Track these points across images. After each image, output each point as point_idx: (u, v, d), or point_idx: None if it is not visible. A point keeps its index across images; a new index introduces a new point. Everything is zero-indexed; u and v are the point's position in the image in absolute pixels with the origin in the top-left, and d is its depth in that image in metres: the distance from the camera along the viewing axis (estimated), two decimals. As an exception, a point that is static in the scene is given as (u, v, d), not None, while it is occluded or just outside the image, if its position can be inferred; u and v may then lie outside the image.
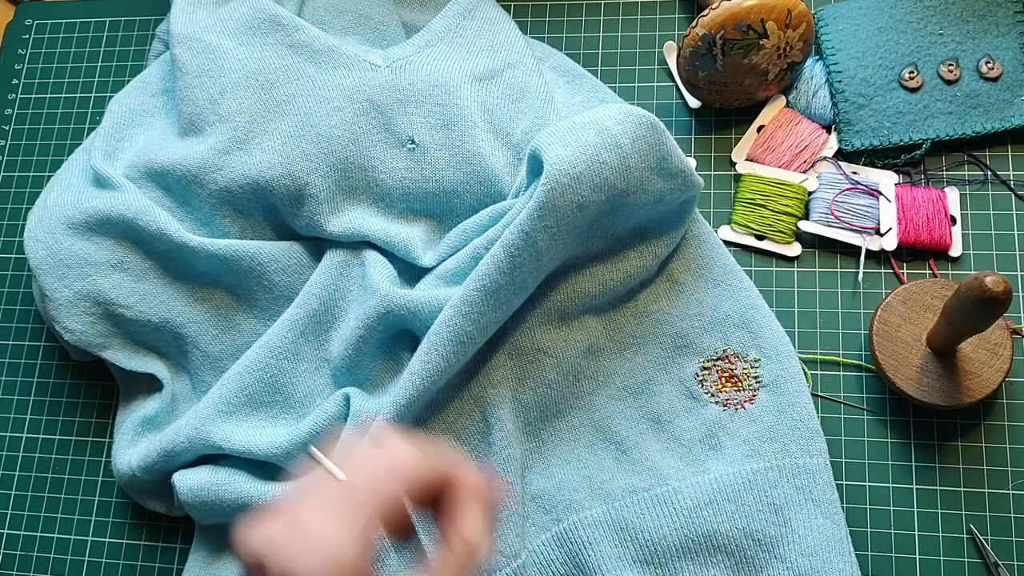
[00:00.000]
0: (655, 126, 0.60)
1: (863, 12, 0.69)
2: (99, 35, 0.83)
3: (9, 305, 0.77)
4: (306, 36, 0.69)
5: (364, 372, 0.66)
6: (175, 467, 0.65)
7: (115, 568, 0.69)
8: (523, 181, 0.63)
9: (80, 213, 0.66)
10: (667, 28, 0.75)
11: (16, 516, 0.71)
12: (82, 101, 0.81)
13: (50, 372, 0.74)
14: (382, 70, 0.69)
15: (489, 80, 0.70)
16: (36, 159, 0.80)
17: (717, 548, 0.58)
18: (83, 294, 0.66)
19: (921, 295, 0.61)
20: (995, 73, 0.66)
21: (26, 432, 0.73)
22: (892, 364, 0.60)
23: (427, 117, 0.67)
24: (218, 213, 0.68)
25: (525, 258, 0.58)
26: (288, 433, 0.64)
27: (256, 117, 0.67)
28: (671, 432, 0.62)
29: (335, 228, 0.67)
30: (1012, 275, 0.64)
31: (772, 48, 0.65)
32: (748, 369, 0.63)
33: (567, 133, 0.59)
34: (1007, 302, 0.50)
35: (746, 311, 0.64)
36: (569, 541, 0.60)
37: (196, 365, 0.68)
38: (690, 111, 0.72)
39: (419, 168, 0.67)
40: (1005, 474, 0.61)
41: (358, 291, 0.67)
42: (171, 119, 0.72)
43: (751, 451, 0.60)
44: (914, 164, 0.68)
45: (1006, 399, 0.62)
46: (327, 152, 0.66)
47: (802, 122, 0.69)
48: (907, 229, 0.65)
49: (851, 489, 0.62)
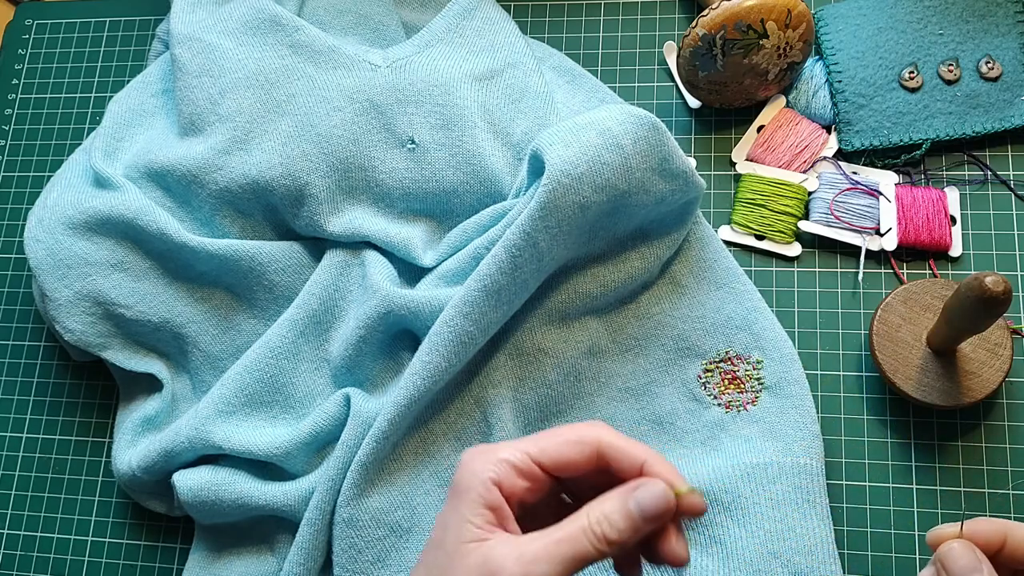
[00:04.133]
0: (656, 127, 0.60)
1: (863, 12, 0.69)
2: (99, 35, 0.83)
3: (9, 305, 0.77)
4: (306, 36, 0.69)
5: (364, 372, 0.66)
6: (175, 467, 0.65)
7: (115, 568, 0.69)
8: (524, 181, 0.63)
9: (80, 213, 0.66)
10: (667, 28, 0.75)
11: (16, 516, 0.71)
12: (82, 101, 0.81)
13: (50, 372, 0.74)
14: (382, 70, 0.69)
15: (489, 80, 0.70)
16: (36, 159, 0.80)
17: (712, 540, 0.58)
18: (83, 294, 0.66)
19: (921, 295, 0.61)
20: (995, 73, 0.66)
21: (26, 432, 0.73)
22: (892, 364, 0.60)
23: (427, 117, 0.67)
24: (218, 213, 0.68)
25: (526, 258, 0.58)
26: (288, 433, 0.64)
27: (256, 117, 0.67)
28: (673, 434, 0.62)
29: (335, 228, 0.67)
30: (1012, 275, 0.64)
31: (772, 48, 0.65)
32: (750, 371, 0.63)
33: (568, 133, 0.59)
34: (1007, 302, 0.50)
35: (748, 313, 0.64)
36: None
37: (196, 365, 0.68)
38: (690, 111, 0.72)
39: (419, 168, 0.67)
40: (1005, 474, 0.61)
41: (358, 291, 0.67)
42: (171, 119, 0.72)
43: (751, 448, 0.60)
44: (914, 164, 0.68)
45: (1006, 399, 0.62)
46: (327, 152, 0.66)
47: (802, 122, 0.69)
48: (907, 229, 0.65)
49: (851, 489, 0.62)
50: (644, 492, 0.40)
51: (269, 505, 0.62)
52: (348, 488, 0.60)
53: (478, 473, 0.41)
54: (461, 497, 0.41)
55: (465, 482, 0.41)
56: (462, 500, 0.41)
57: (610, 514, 0.40)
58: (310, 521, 0.60)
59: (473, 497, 0.41)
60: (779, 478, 0.59)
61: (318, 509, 0.60)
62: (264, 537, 0.65)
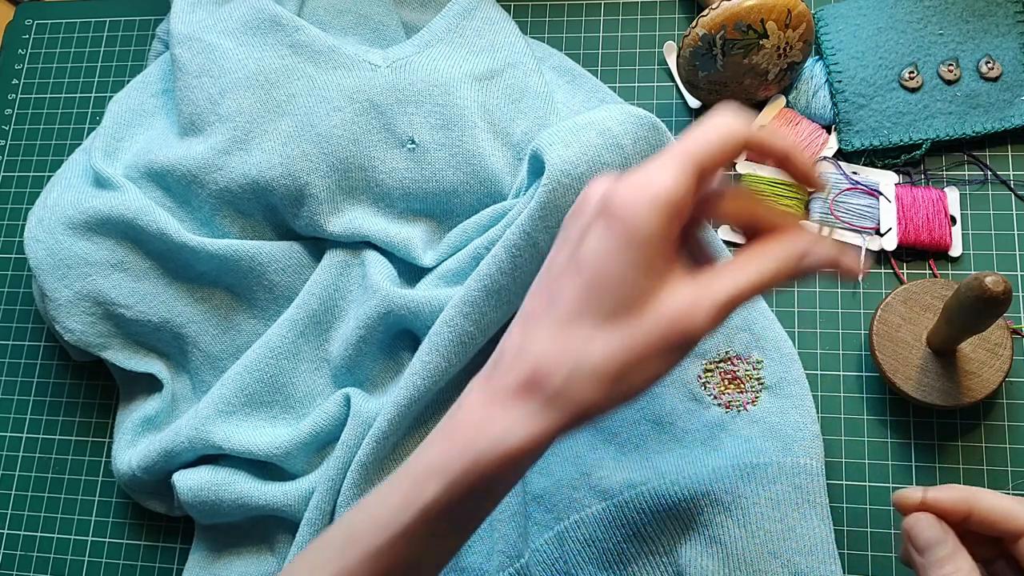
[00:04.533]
0: (656, 127, 0.60)
1: (863, 12, 0.69)
2: (99, 35, 0.83)
3: (9, 305, 0.77)
4: (306, 36, 0.69)
5: (364, 372, 0.66)
6: (175, 467, 0.65)
7: (115, 568, 0.69)
8: (524, 181, 0.63)
9: (80, 213, 0.66)
10: (667, 28, 0.75)
11: (16, 516, 0.71)
12: (82, 101, 0.81)
13: (50, 372, 0.74)
14: (382, 70, 0.69)
15: (489, 80, 0.70)
16: (36, 159, 0.80)
17: (713, 540, 0.58)
18: (83, 294, 0.66)
19: (921, 295, 0.61)
20: (995, 73, 0.66)
21: (26, 432, 0.73)
22: (892, 364, 0.60)
23: (427, 117, 0.67)
24: (218, 213, 0.68)
25: (527, 258, 0.58)
26: (288, 433, 0.64)
27: (256, 117, 0.67)
28: (672, 434, 0.62)
29: (335, 228, 0.67)
30: (1012, 275, 0.64)
31: (772, 48, 0.65)
32: (750, 371, 0.63)
33: (568, 133, 0.59)
34: (1007, 302, 0.50)
35: (748, 313, 0.64)
36: (571, 540, 0.60)
37: (196, 365, 0.68)
38: (690, 111, 0.72)
39: (419, 168, 0.67)
40: (1005, 474, 0.61)
41: (358, 291, 0.67)
42: (171, 119, 0.72)
43: (751, 448, 0.60)
44: (914, 164, 0.68)
45: (1006, 399, 0.62)
46: (327, 152, 0.66)
47: (802, 122, 0.69)
48: (907, 229, 0.65)
49: (851, 489, 0.62)
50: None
51: (269, 505, 0.62)
52: (348, 488, 0.60)
53: (652, 213, 0.39)
54: (634, 239, 0.39)
55: (640, 217, 0.39)
56: (636, 244, 0.39)
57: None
58: (310, 521, 0.60)
59: (652, 238, 0.39)
60: (779, 478, 0.59)
61: (318, 509, 0.60)
62: (264, 537, 0.65)
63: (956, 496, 0.45)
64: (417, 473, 0.41)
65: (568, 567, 0.59)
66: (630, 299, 0.39)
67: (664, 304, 0.39)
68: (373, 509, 0.42)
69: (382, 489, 0.43)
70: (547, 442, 0.40)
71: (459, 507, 0.41)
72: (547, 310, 0.41)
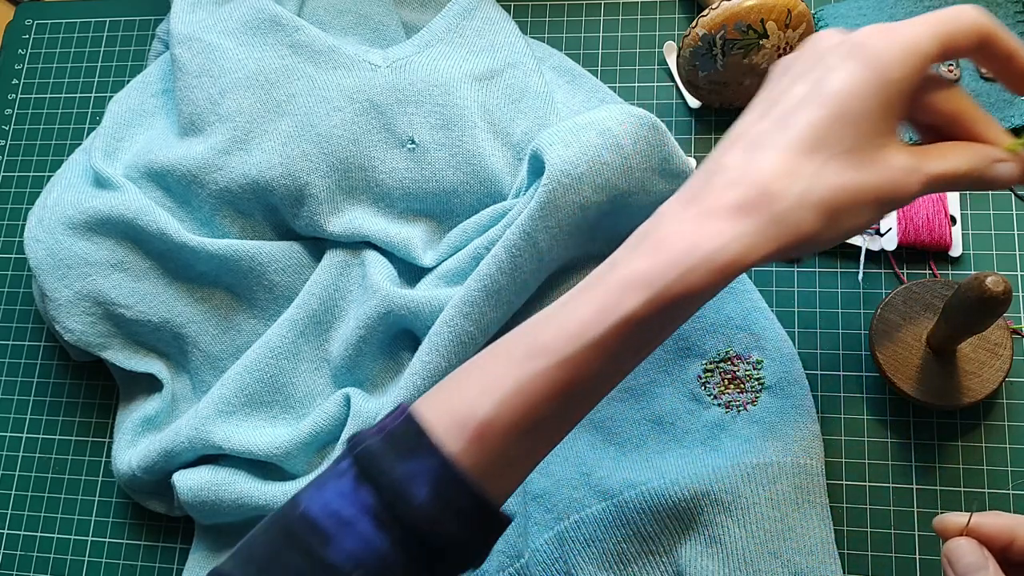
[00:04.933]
0: (657, 127, 0.60)
1: (863, 12, 0.69)
2: (99, 35, 0.83)
3: (9, 305, 0.77)
4: (306, 36, 0.69)
5: (364, 372, 0.66)
6: (175, 467, 0.65)
7: (115, 568, 0.69)
8: (524, 181, 0.63)
9: (80, 213, 0.66)
10: (667, 28, 0.75)
11: (16, 516, 0.71)
12: (82, 101, 0.81)
13: (50, 372, 0.74)
14: (382, 70, 0.69)
15: (489, 80, 0.70)
16: (36, 159, 0.80)
17: (713, 540, 0.58)
18: (83, 294, 0.66)
19: (921, 295, 0.61)
20: (995, 73, 0.66)
21: (26, 432, 0.73)
22: (892, 364, 0.60)
23: (427, 117, 0.67)
24: (218, 213, 0.68)
25: (526, 258, 0.58)
26: (288, 433, 0.64)
27: (256, 117, 0.67)
28: (672, 434, 0.62)
29: (335, 228, 0.67)
30: (1012, 275, 0.64)
31: (772, 48, 0.65)
32: (750, 371, 0.63)
33: (569, 133, 0.59)
34: (1007, 302, 0.50)
35: (748, 313, 0.64)
36: (571, 540, 0.60)
37: (196, 365, 0.68)
38: (690, 111, 0.72)
39: (419, 168, 0.67)
40: (1005, 474, 0.61)
41: (358, 291, 0.67)
42: (171, 119, 0.72)
43: (751, 448, 0.60)
44: (914, 164, 0.68)
45: (1006, 399, 0.62)
46: (327, 152, 0.66)
47: (802, 122, 0.69)
48: (907, 229, 0.65)
49: (851, 489, 0.62)
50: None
51: (269, 505, 0.62)
52: (348, 488, 0.60)
53: (909, 63, 0.40)
54: (888, 80, 0.40)
55: (896, 60, 0.40)
56: (887, 86, 0.40)
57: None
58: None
59: (903, 82, 0.40)
60: (779, 478, 0.59)
61: (318, 509, 0.60)
62: (264, 537, 0.65)
63: (1001, 524, 0.44)
64: (615, 286, 0.40)
65: (568, 567, 0.59)
66: (868, 140, 0.40)
67: (892, 158, 0.41)
68: (560, 320, 0.41)
69: (567, 303, 0.42)
70: (757, 262, 0.40)
71: (656, 322, 0.40)
72: (779, 135, 0.41)
